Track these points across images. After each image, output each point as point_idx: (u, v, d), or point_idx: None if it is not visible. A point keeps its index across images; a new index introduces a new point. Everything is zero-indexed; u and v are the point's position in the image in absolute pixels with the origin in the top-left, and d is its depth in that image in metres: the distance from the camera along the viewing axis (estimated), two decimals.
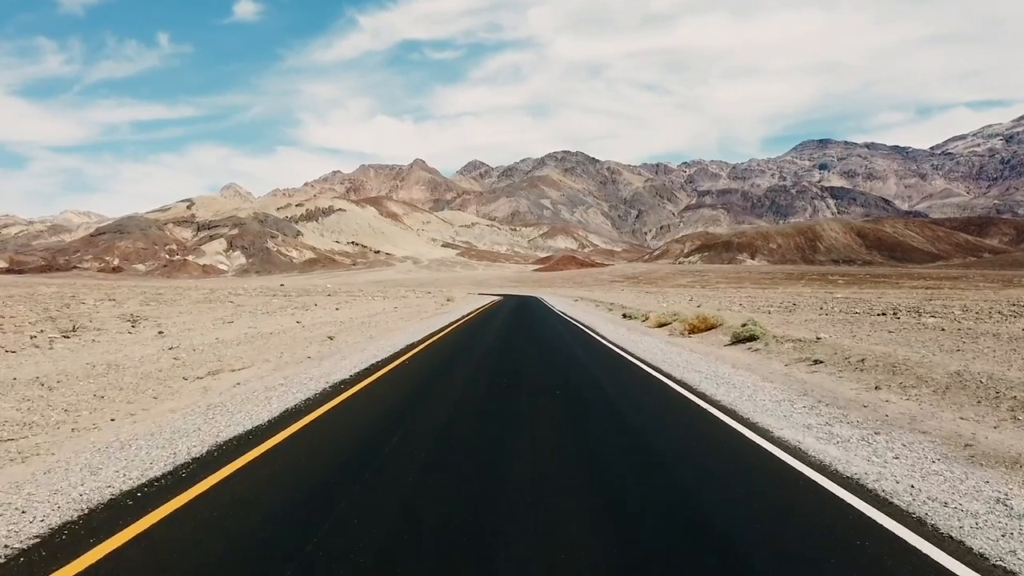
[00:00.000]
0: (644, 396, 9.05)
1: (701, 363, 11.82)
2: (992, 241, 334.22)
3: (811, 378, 10.22)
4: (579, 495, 4.74)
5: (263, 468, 5.47)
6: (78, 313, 23.35)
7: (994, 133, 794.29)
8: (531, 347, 15.50)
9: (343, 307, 35.52)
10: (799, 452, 5.90)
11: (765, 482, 5.11)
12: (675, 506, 4.54)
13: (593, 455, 5.86)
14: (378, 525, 4.17)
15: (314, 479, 5.17)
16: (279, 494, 4.84)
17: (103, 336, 16.45)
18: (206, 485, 4.94)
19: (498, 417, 7.44)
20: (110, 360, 12.06)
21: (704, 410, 7.87)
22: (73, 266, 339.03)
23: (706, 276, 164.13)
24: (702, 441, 6.47)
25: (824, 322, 19.55)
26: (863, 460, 5.64)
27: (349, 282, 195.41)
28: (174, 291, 52.42)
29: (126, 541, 3.95)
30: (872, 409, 7.74)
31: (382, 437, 6.44)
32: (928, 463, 5.56)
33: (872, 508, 4.47)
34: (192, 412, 7.69)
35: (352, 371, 11.13)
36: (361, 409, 8.12)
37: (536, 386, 9.61)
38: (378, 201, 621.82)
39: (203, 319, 22.79)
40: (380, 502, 4.59)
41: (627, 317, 26.97)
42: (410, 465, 5.47)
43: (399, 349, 14.72)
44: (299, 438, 6.49)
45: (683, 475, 5.28)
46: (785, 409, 7.84)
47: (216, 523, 4.24)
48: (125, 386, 9.45)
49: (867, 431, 6.68)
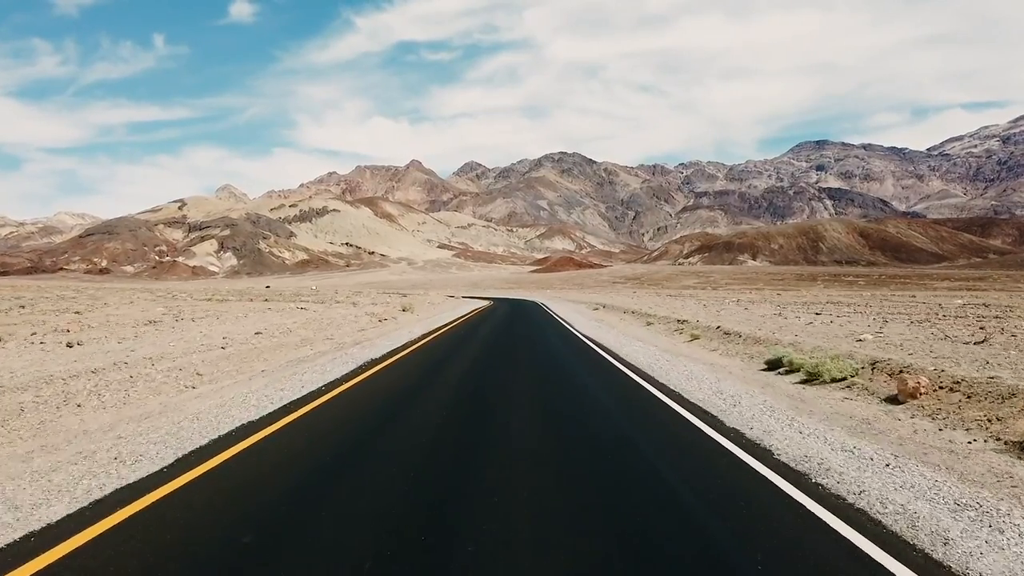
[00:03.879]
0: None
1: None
2: (995, 242, 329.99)
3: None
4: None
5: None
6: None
7: (991, 134, 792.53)
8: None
9: (239, 321, 22.63)
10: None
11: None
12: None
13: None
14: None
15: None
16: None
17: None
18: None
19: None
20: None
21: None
22: (60, 268, 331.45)
23: (711, 277, 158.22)
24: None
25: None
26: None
27: (340, 284, 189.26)
28: (118, 293, 45.94)
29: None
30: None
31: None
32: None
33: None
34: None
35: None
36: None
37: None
38: (373, 202, 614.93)
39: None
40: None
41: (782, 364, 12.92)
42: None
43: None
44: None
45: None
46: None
47: None
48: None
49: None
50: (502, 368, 12.72)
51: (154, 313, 24.85)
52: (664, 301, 46.14)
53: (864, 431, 7.18)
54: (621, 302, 47.21)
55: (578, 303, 51.76)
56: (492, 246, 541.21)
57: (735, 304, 38.56)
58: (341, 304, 39.66)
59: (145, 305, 30.87)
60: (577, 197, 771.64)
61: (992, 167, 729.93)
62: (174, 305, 31.24)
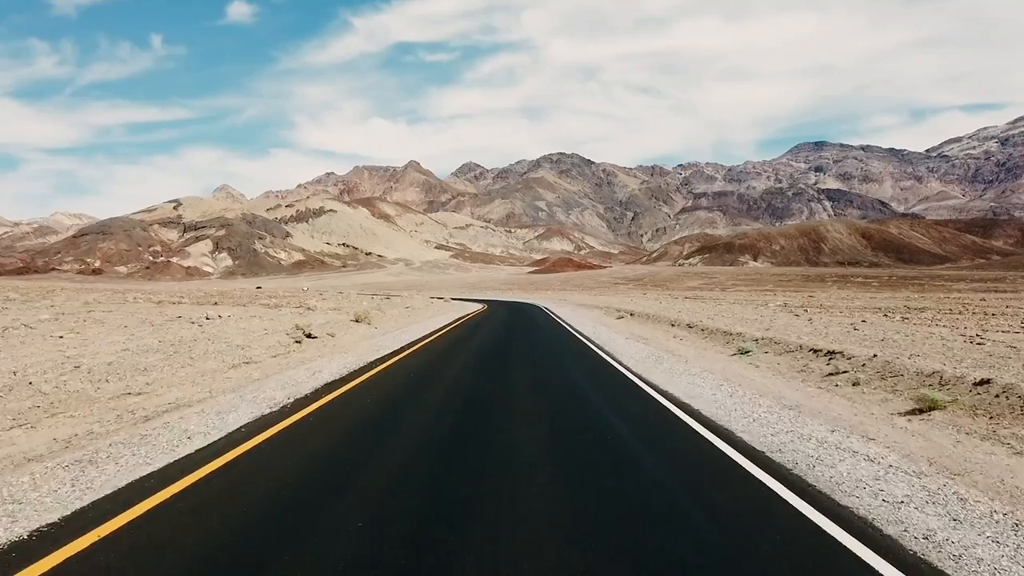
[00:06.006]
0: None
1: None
2: (998, 243, 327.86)
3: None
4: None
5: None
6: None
7: (989, 136, 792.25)
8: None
9: (86, 342, 14.71)
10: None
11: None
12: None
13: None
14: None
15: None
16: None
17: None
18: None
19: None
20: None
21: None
22: (52, 268, 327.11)
23: (716, 278, 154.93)
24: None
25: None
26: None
27: (335, 285, 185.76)
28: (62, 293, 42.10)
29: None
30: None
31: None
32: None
33: None
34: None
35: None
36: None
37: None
38: (370, 202, 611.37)
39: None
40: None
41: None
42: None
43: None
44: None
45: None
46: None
47: None
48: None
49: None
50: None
51: (29, 318, 18.78)
52: (696, 307, 37.75)
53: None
54: (643, 306, 39.51)
55: (591, 308, 43.99)
56: (490, 247, 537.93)
57: (781, 310, 32.32)
58: (286, 309, 30.27)
59: (40, 305, 25.66)
60: (575, 198, 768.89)
61: (991, 169, 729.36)
62: (72, 308, 23.76)
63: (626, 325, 26.44)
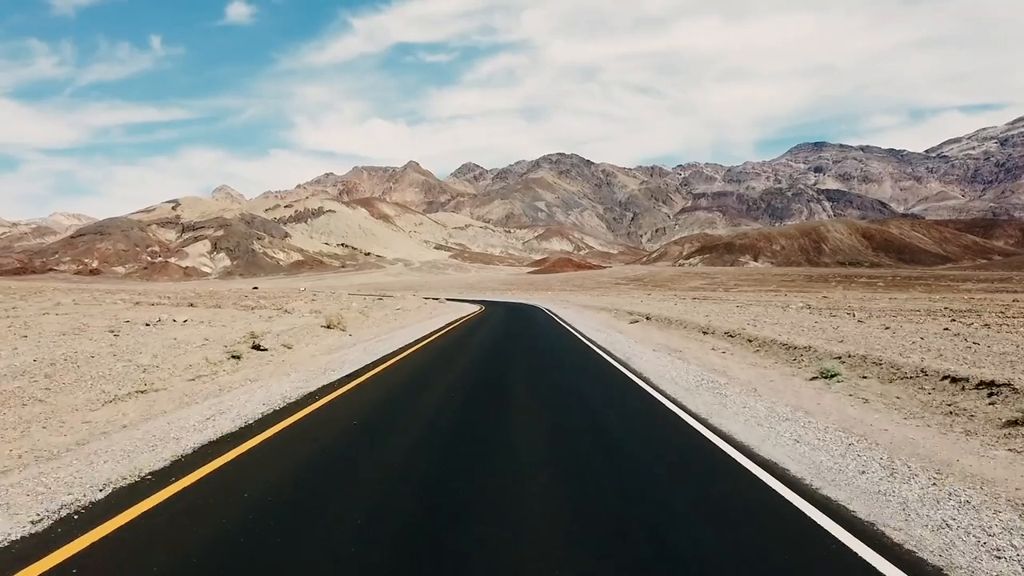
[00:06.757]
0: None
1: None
2: (998, 243, 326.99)
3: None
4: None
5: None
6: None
7: (988, 136, 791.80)
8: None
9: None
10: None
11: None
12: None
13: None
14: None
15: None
16: None
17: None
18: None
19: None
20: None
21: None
22: (50, 268, 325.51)
23: (718, 279, 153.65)
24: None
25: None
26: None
27: (333, 285, 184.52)
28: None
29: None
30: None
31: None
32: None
33: None
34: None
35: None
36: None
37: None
38: (369, 202, 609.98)
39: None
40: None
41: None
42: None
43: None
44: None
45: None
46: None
47: None
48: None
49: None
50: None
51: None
52: (713, 308, 34.28)
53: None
54: (655, 308, 35.96)
55: (597, 310, 40.15)
56: (490, 247, 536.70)
57: (809, 312, 29.20)
58: (260, 312, 27.78)
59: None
60: (575, 198, 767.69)
61: (990, 169, 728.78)
62: (31, 312, 21.73)
63: (644, 331, 22.85)
